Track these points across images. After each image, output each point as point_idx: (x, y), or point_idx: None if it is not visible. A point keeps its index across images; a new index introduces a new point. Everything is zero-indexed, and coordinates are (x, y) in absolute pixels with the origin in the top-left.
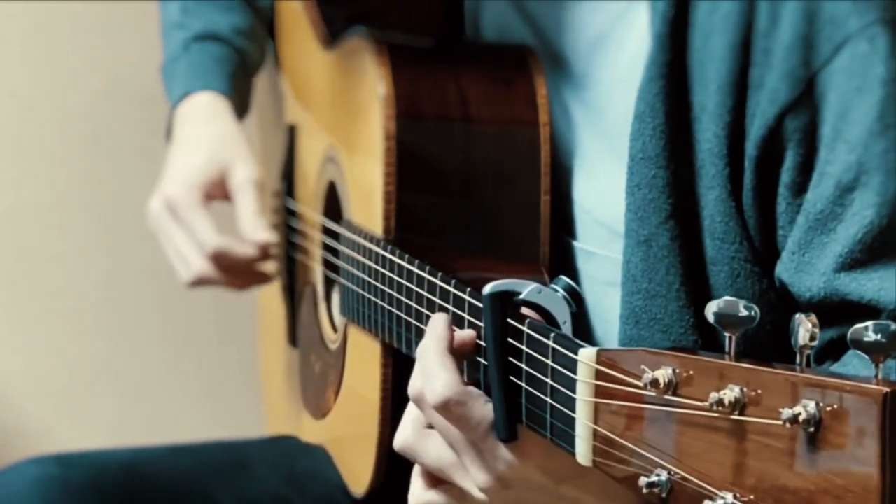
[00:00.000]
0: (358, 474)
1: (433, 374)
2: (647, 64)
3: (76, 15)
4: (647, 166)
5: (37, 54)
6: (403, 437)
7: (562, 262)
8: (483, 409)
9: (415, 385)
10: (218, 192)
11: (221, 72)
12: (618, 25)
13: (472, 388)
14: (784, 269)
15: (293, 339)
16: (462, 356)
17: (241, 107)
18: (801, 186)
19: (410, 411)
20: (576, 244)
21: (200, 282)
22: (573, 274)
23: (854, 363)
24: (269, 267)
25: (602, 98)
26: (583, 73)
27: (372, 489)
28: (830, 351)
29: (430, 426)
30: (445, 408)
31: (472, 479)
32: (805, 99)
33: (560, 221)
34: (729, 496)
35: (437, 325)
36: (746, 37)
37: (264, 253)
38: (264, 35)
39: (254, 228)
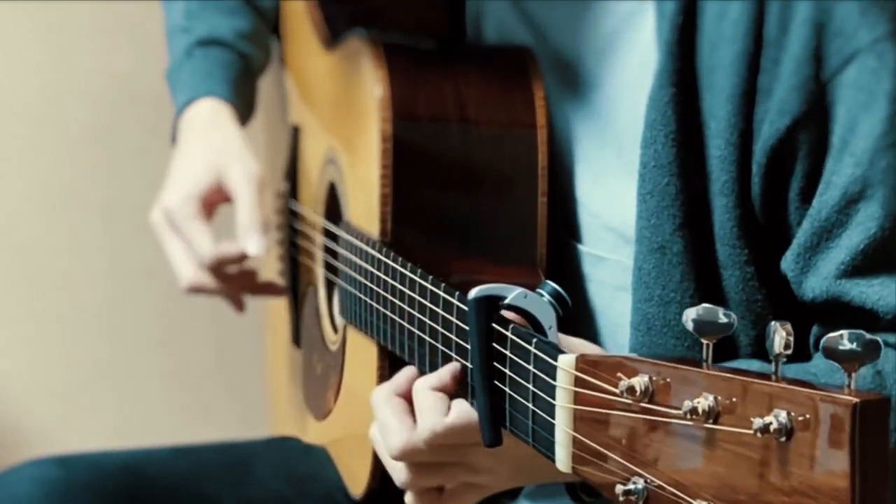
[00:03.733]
0: (356, 475)
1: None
2: (658, 71)
3: (79, 15)
4: (660, 174)
5: (39, 54)
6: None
7: (566, 265)
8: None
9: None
10: (218, 196)
11: (225, 77)
12: (624, 30)
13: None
14: (789, 269)
15: (297, 339)
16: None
17: (245, 111)
18: (808, 193)
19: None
20: (582, 248)
21: (196, 290)
22: (578, 278)
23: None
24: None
25: (609, 103)
26: (588, 78)
27: (370, 490)
28: None
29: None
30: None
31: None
32: (815, 111)
33: (565, 225)
34: None
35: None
36: (756, 45)
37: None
38: (268, 37)
39: (247, 233)
